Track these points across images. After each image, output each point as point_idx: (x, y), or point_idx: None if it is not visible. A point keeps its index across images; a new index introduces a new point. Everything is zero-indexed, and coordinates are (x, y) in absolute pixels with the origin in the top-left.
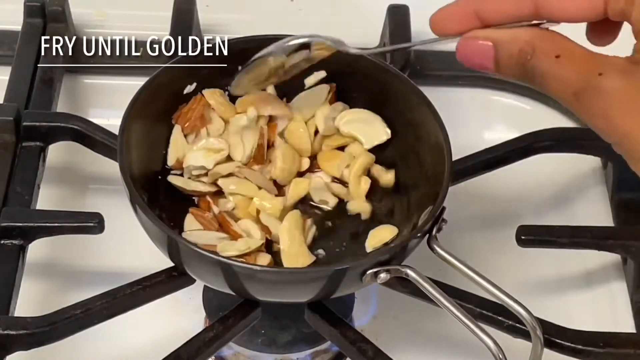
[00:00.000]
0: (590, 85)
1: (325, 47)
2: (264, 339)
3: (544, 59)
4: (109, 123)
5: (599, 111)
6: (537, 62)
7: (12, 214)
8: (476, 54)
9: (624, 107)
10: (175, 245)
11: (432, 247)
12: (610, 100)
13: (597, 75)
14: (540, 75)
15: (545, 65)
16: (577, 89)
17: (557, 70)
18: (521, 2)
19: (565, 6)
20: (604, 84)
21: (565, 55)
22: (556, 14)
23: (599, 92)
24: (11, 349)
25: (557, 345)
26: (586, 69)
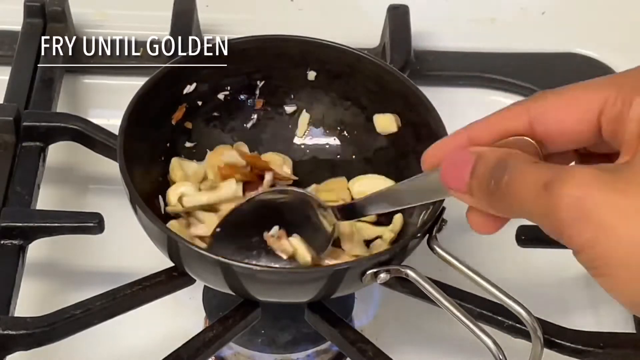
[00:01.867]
0: (567, 174)
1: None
2: (264, 339)
3: (521, 162)
4: (109, 123)
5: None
6: (511, 169)
7: (12, 214)
8: (457, 166)
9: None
10: (175, 245)
11: (432, 247)
12: (589, 186)
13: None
14: (507, 183)
15: (520, 168)
16: (549, 179)
17: (530, 172)
18: (517, 120)
19: (561, 118)
20: (582, 171)
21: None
22: (552, 128)
23: (576, 178)
24: (11, 349)
25: (557, 346)
26: (554, 171)
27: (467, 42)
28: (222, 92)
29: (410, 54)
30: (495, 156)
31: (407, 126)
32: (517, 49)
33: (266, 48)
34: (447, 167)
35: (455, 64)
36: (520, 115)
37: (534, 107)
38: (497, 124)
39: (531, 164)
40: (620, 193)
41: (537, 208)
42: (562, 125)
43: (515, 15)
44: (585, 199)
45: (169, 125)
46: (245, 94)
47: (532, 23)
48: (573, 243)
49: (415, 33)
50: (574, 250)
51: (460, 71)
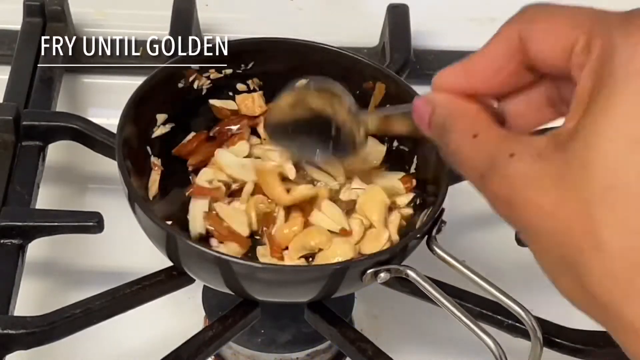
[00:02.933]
0: (497, 166)
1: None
2: (263, 339)
3: (461, 135)
4: (109, 122)
5: (502, 196)
6: (453, 137)
7: (12, 214)
8: (418, 112)
9: (528, 195)
10: (173, 243)
11: (431, 248)
12: (516, 185)
13: (507, 157)
14: (453, 152)
15: (461, 142)
16: (483, 171)
17: (468, 150)
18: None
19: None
20: (511, 166)
21: (482, 134)
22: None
23: (504, 175)
24: (11, 348)
25: (557, 345)
26: (497, 149)
27: (467, 41)
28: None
29: (410, 54)
30: (442, 119)
31: None
32: None
33: (264, 49)
34: (415, 114)
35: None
36: (512, 39)
37: (523, 29)
38: (492, 53)
39: (469, 140)
40: (543, 192)
41: (477, 188)
42: (543, 54)
43: None
44: (512, 198)
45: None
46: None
47: None
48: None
49: (415, 32)
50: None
51: None
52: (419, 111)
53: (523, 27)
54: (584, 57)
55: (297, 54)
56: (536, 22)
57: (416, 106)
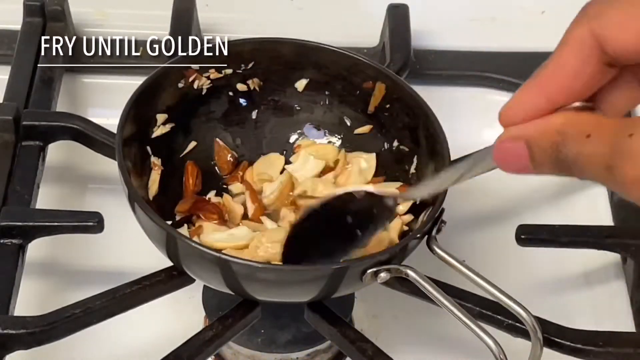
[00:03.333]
0: (621, 150)
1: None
2: (263, 339)
3: (574, 142)
4: (109, 122)
5: (633, 177)
6: (569, 149)
7: (12, 213)
8: (511, 156)
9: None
10: (172, 242)
11: (431, 248)
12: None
13: (627, 137)
14: (574, 161)
15: (577, 149)
16: (609, 161)
17: (588, 149)
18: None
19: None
20: (635, 144)
21: (595, 130)
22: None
23: (630, 154)
24: (11, 348)
25: (557, 345)
26: (614, 135)
27: (467, 41)
28: (222, 92)
29: (410, 54)
30: (549, 142)
31: (405, 129)
32: (517, 48)
33: (264, 50)
34: (503, 162)
35: (455, 63)
36: (586, 41)
37: (596, 25)
38: (566, 64)
39: (585, 141)
40: None
41: (606, 182)
42: (626, 43)
43: (515, 15)
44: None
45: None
46: (245, 94)
47: (532, 22)
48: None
49: (415, 32)
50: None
51: (460, 70)
52: (510, 153)
53: (595, 24)
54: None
55: (297, 54)
56: (608, 15)
57: (502, 151)
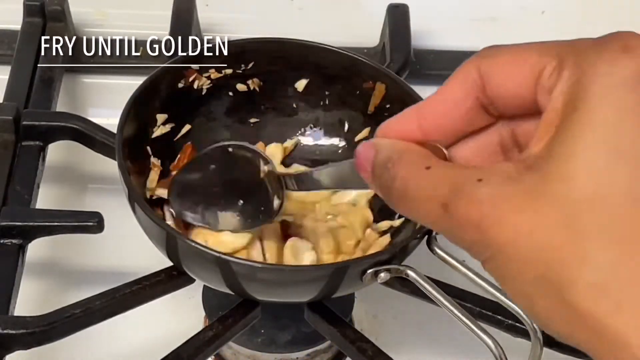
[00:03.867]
0: (464, 193)
1: None
2: (263, 339)
3: (410, 168)
4: (109, 122)
5: (470, 221)
6: (403, 172)
7: (12, 213)
8: (360, 157)
9: (502, 215)
10: (173, 243)
11: (431, 248)
12: (487, 207)
13: (474, 182)
14: (402, 188)
15: (411, 175)
16: (446, 200)
17: (422, 181)
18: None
19: (504, 79)
20: (481, 190)
21: (436, 166)
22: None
23: (473, 199)
24: (11, 348)
25: (557, 345)
26: (462, 176)
27: (467, 41)
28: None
29: (410, 53)
30: (385, 155)
31: None
32: None
33: (264, 50)
34: (357, 161)
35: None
36: (471, 74)
37: (484, 63)
38: (447, 95)
39: (422, 170)
40: (518, 210)
41: (437, 225)
42: (505, 87)
43: (515, 15)
44: (483, 221)
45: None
46: (245, 94)
47: (532, 22)
48: (476, 258)
49: (415, 32)
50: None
51: None
52: (361, 157)
53: (484, 62)
54: (553, 80)
55: (297, 54)
56: (499, 55)
57: (359, 152)
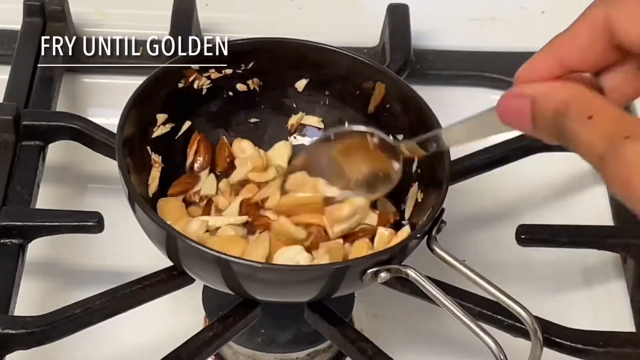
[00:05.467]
0: (615, 149)
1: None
2: (263, 338)
3: (576, 119)
4: (109, 122)
5: (621, 177)
6: (569, 123)
7: (12, 213)
8: (515, 112)
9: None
10: (173, 243)
11: (431, 248)
12: (633, 166)
13: (623, 138)
14: (571, 137)
15: (577, 126)
16: (602, 153)
17: (586, 133)
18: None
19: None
20: (629, 147)
21: (598, 116)
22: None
23: (622, 156)
24: (11, 348)
25: (557, 345)
26: (614, 130)
27: (467, 41)
28: (222, 92)
29: (410, 53)
30: (552, 107)
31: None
32: (517, 48)
33: (264, 50)
34: (505, 114)
35: (455, 63)
36: (598, 23)
37: (611, 12)
38: (579, 35)
39: (585, 122)
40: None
41: (596, 169)
42: (632, 38)
43: (515, 14)
44: (631, 180)
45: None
46: (245, 94)
47: (532, 22)
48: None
49: (415, 32)
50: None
51: (460, 70)
52: (513, 108)
53: (610, 10)
54: None
55: (297, 54)
56: (623, 4)
57: (506, 105)
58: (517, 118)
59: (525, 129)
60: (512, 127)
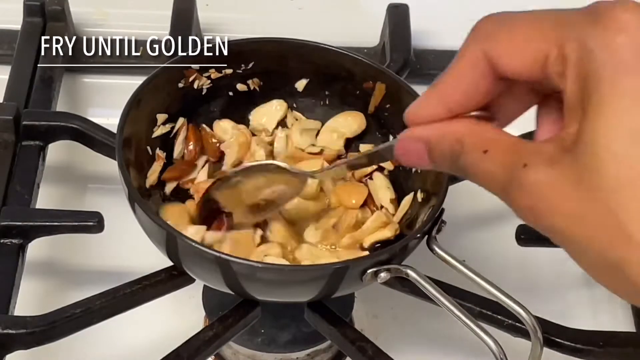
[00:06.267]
0: (515, 179)
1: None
2: (263, 338)
3: (472, 156)
4: (109, 122)
5: (525, 205)
6: (467, 160)
7: (12, 213)
8: (412, 155)
9: (550, 202)
10: (173, 243)
11: (431, 248)
12: (535, 195)
13: (521, 167)
14: (472, 173)
15: (474, 162)
16: (504, 184)
17: (484, 167)
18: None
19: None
20: (527, 177)
21: (492, 149)
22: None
23: (523, 186)
24: (11, 348)
25: (557, 345)
26: (511, 161)
27: None
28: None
29: (410, 53)
30: (448, 148)
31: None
32: None
33: (264, 50)
34: (404, 157)
35: None
36: (479, 60)
37: (488, 47)
38: (463, 78)
39: (482, 157)
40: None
41: (503, 200)
42: (514, 70)
43: None
44: (534, 209)
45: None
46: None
47: None
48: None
49: (415, 32)
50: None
51: None
52: (411, 150)
53: (486, 47)
54: (560, 66)
55: (297, 54)
56: (497, 40)
57: (403, 148)
58: (416, 159)
59: (426, 167)
60: (414, 166)
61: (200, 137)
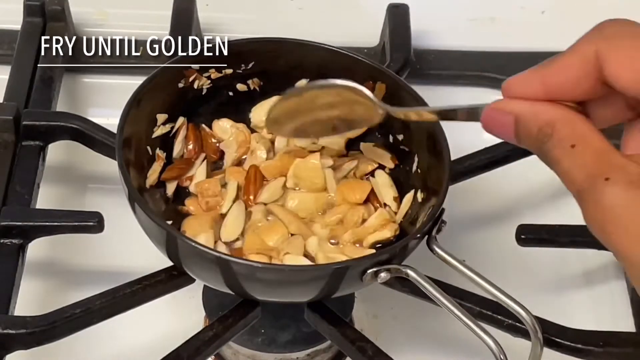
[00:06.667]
0: (593, 189)
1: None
2: (263, 338)
3: (559, 145)
4: (109, 122)
5: (596, 219)
6: (552, 148)
7: (12, 213)
8: (498, 125)
9: (621, 223)
10: (173, 243)
11: (431, 248)
12: (608, 212)
13: (603, 180)
14: (554, 162)
15: (559, 153)
16: (581, 188)
17: (567, 163)
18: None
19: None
20: (606, 192)
21: (581, 146)
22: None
23: (600, 200)
24: (11, 348)
25: (557, 345)
26: (595, 169)
27: (467, 41)
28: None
29: (410, 53)
30: (537, 128)
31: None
32: (517, 48)
33: (264, 50)
34: (488, 125)
35: (455, 63)
36: (589, 60)
37: (603, 46)
38: (569, 68)
39: (568, 151)
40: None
41: (574, 197)
42: (621, 79)
43: (515, 14)
44: (606, 225)
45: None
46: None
47: (532, 22)
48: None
49: (415, 32)
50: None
51: (460, 70)
52: (497, 120)
53: (603, 48)
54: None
55: (297, 54)
56: (614, 46)
57: (490, 116)
58: (500, 130)
59: (508, 140)
60: (494, 135)
61: (200, 137)
